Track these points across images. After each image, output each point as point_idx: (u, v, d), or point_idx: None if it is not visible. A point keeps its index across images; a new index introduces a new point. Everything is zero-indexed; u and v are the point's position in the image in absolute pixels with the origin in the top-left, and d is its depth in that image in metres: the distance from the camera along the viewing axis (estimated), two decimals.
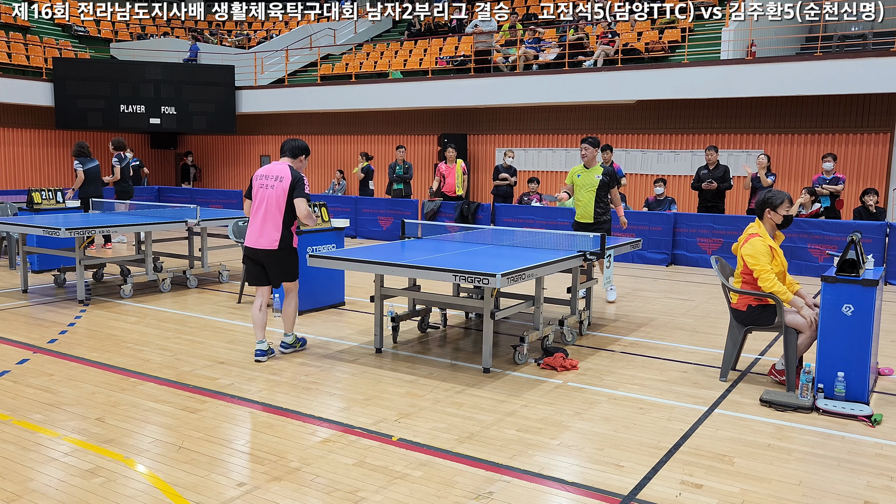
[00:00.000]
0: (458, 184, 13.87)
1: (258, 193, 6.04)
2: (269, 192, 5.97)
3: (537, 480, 3.99)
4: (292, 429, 4.71)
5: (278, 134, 20.70)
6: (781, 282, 5.61)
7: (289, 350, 6.44)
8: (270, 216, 5.98)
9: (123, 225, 8.94)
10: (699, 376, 5.93)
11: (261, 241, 6.03)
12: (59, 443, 4.42)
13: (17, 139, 19.25)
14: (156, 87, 19.08)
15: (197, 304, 8.62)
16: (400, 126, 18.74)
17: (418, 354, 6.54)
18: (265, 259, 6.10)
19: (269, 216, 5.98)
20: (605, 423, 4.87)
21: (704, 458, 4.32)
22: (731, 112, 14.64)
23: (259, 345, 6.18)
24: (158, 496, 3.75)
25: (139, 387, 5.51)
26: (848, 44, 15.36)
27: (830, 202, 11.52)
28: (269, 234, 6.00)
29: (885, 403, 5.36)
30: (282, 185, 5.95)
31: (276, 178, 5.98)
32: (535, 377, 5.86)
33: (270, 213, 5.98)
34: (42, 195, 10.45)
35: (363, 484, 3.91)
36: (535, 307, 6.47)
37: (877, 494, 3.89)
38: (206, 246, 10.02)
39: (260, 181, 6.04)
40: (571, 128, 16.49)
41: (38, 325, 7.48)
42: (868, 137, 13.59)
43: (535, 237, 7.51)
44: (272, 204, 5.96)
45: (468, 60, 17.27)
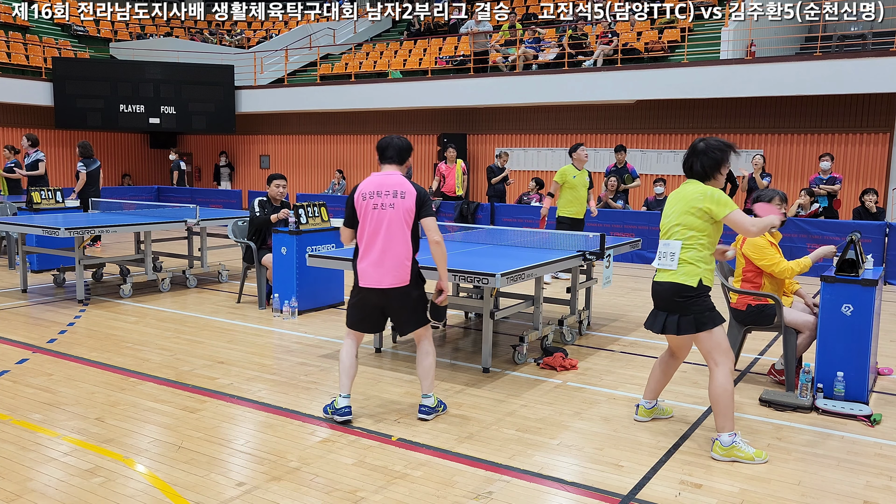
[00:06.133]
0: (457, 184, 13.87)
1: (371, 216, 4.63)
2: (388, 213, 4.61)
3: (537, 480, 3.99)
4: (292, 429, 4.71)
5: (278, 134, 20.71)
6: (780, 282, 5.61)
7: (431, 416, 4.91)
8: (395, 244, 4.62)
9: (123, 225, 8.93)
10: (699, 376, 5.93)
11: (386, 280, 4.65)
12: (59, 442, 4.42)
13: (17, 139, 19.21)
14: (155, 86, 19.07)
15: (196, 303, 8.62)
16: (400, 126, 18.73)
17: None
18: (396, 301, 4.73)
19: (394, 244, 4.62)
20: (604, 423, 4.87)
21: (704, 457, 4.32)
22: (731, 112, 14.64)
23: (343, 400, 4.78)
24: (158, 496, 3.75)
25: (139, 386, 5.51)
26: (847, 44, 15.37)
27: (828, 202, 11.53)
28: (398, 269, 4.64)
29: (884, 403, 5.36)
30: (405, 203, 4.61)
31: (397, 195, 4.62)
32: (535, 377, 5.86)
33: (395, 241, 4.62)
34: (41, 195, 10.44)
35: (363, 484, 3.91)
36: (535, 307, 6.48)
37: (876, 494, 3.89)
38: (206, 246, 10.02)
39: (372, 201, 4.63)
40: (571, 128, 16.49)
41: (37, 324, 7.48)
42: (867, 137, 13.59)
43: (534, 237, 7.51)
44: (396, 228, 4.61)
45: (468, 60, 17.26)
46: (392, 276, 4.64)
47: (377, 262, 4.65)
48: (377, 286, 4.67)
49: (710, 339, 4.28)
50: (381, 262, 4.64)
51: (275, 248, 7.99)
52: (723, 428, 4.28)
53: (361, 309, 4.81)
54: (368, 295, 4.73)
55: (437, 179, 14.21)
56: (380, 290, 4.67)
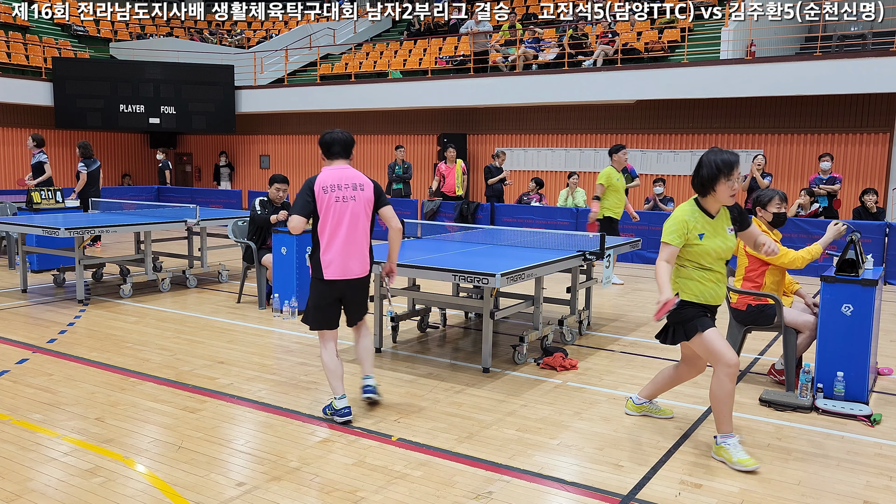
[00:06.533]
0: (457, 184, 13.88)
1: (333, 209, 4.75)
2: (351, 205, 4.78)
3: (537, 480, 3.99)
4: (292, 429, 4.71)
5: (278, 134, 20.70)
6: (781, 281, 5.61)
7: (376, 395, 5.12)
8: (359, 235, 4.82)
9: (123, 225, 8.93)
10: (699, 376, 5.91)
11: (352, 269, 4.81)
12: (59, 442, 4.42)
13: (16, 139, 19.24)
14: (155, 86, 19.07)
15: (196, 303, 8.62)
16: (399, 126, 18.73)
17: (418, 354, 6.54)
18: (358, 290, 4.93)
19: (358, 235, 4.81)
20: (604, 423, 4.87)
21: (704, 457, 4.32)
22: (731, 112, 14.64)
23: (341, 401, 4.81)
24: (158, 496, 3.75)
25: (139, 386, 5.51)
26: (847, 44, 15.37)
27: (828, 202, 11.54)
28: (361, 259, 4.85)
29: (884, 403, 5.36)
30: (365, 194, 4.82)
31: (356, 188, 4.81)
32: (535, 377, 5.86)
33: (359, 232, 4.82)
34: (41, 195, 10.45)
35: (363, 484, 3.91)
36: (535, 307, 6.48)
37: (876, 494, 3.89)
38: (206, 246, 10.02)
39: (333, 194, 4.75)
40: (571, 127, 16.49)
41: (37, 324, 7.48)
42: (867, 137, 13.59)
43: (534, 237, 7.51)
44: (359, 220, 4.81)
45: (468, 60, 17.26)
46: (358, 267, 4.84)
47: (343, 252, 4.77)
48: (343, 277, 4.80)
49: (700, 345, 4.30)
50: (347, 253, 4.78)
51: (275, 248, 7.99)
52: (717, 428, 4.29)
53: (325, 303, 4.89)
54: (333, 288, 4.84)
55: (436, 179, 14.22)
56: (345, 280, 4.81)
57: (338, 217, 4.76)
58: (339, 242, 4.77)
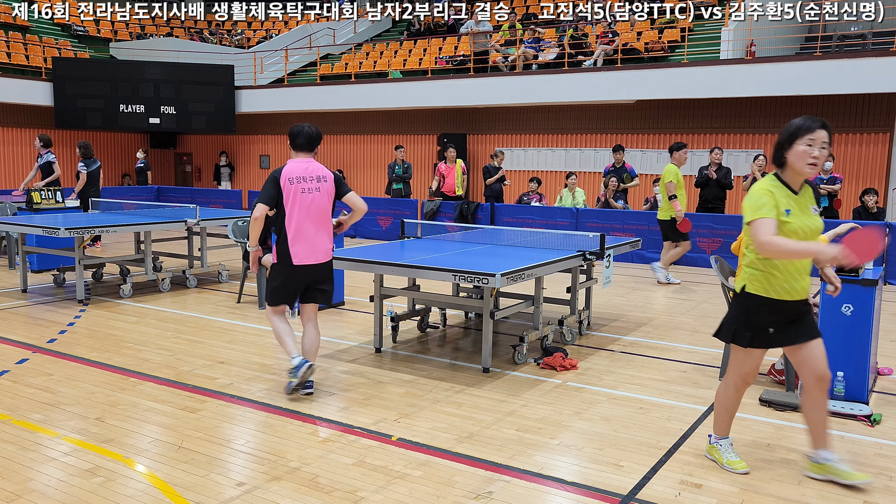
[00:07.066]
0: (457, 184, 13.88)
1: (298, 200, 5.11)
2: (315, 195, 5.16)
3: (537, 480, 3.99)
4: (292, 428, 4.71)
5: (278, 133, 20.71)
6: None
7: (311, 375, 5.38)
8: (323, 223, 5.23)
9: (123, 225, 8.93)
10: (699, 376, 5.93)
11: (317, 255, 5.20)
12: (59, 442, 4.42)
13: (16, 139, 19.25)
14: (155, 86, 19.08)
15: (196, 303, 8.62)
16: (399, 126, 18.74)
17: (418, 354, 6.54)
18: (322, 275, 5.30)
19: (322, 223, 5.22)
20: (604, 423, 4.87)
21: (704, 457, 4.31)
22: (731, 112, 14.64)
23: (294, 360, 5.22)
24: (158, 496, 3.75)
25: (139, 386, 5.51)
26: (847, 44, 15.37)
27: (829, 202, 11.54)
28: (325, 245, 5.25)
29: (884, 403, 5.36)
30: (327, 185, 5.23)
31: (319, 180, 5.21)
32: (535, 377, 5.86)
33: (322, 220, 5.22)
34: (41, 195, 10.45)
35: (363, 484, 3.91)
36: (535, 307, 6.48)
37: (876, 494, 3.89)
38: (206, 246, 10.02)
39: (299, 185, 5.12)
40: (571, 127, 16.50)
41: (37, 324, 7.48)
42: (867, 137, 13.60)
43: (534, 237, 7.52)
44: (322, 209, 5.21)
45: (468, 60, 17.27)
46: (323, 253, 5.24)
47: (310, 240, 5.17)
48: (311, 262, 5.18)
49: (737, 354, 3.98)
50: (313, 241, 5.18)
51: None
52: (714, 428, 4.27)
53: (289, 286, 5.26)
54: (300, 272, 5.19)
55: (436, 179, 14.22)
56: (311, 265, 5.19)
57: (303, 207, 5.13)
58: (305, 230, 5.15)
